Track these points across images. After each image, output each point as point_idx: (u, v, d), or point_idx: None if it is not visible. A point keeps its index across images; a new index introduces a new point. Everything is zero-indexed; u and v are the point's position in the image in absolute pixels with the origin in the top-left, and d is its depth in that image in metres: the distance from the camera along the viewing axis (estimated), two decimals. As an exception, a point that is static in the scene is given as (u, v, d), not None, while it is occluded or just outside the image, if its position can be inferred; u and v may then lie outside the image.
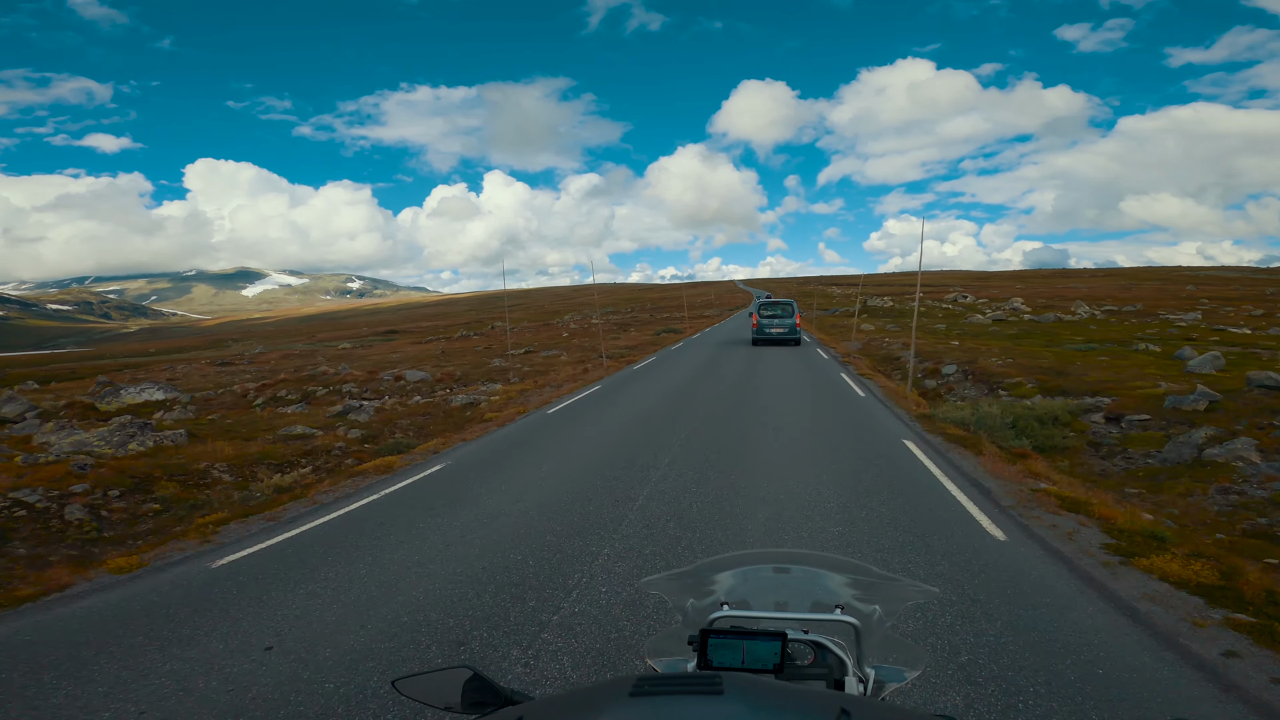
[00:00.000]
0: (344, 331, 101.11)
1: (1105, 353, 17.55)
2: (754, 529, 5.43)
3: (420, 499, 6.71)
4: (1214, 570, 4.37)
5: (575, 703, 0.87)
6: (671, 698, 0.79)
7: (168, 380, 22.68)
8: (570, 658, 3.52)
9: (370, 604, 4.24)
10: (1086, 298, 57.30)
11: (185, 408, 15.58)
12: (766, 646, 1.11)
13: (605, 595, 4.26)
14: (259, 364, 35.13)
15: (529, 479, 7.26)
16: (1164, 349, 18.83)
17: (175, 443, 10.22)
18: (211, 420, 13.43)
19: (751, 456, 7.93)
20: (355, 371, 19.92)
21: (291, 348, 58.35)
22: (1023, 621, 3.78)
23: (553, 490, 6.78)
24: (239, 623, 4.04)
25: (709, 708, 0.77)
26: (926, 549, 4.92)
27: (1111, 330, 28.22)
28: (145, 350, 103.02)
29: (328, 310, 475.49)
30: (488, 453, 8.82)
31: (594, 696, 0.85)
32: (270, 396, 18.16)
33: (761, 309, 24.96)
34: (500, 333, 53.39)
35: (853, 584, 1.52)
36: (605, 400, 12.52)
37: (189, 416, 14.14)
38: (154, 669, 3.51)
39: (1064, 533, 5.29)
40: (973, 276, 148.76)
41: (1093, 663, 3.35)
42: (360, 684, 3.29)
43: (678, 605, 1.53)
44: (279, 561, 5.11)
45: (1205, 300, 48.23)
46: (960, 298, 60.14)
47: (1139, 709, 2.97)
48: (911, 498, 6.26)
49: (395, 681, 1.13)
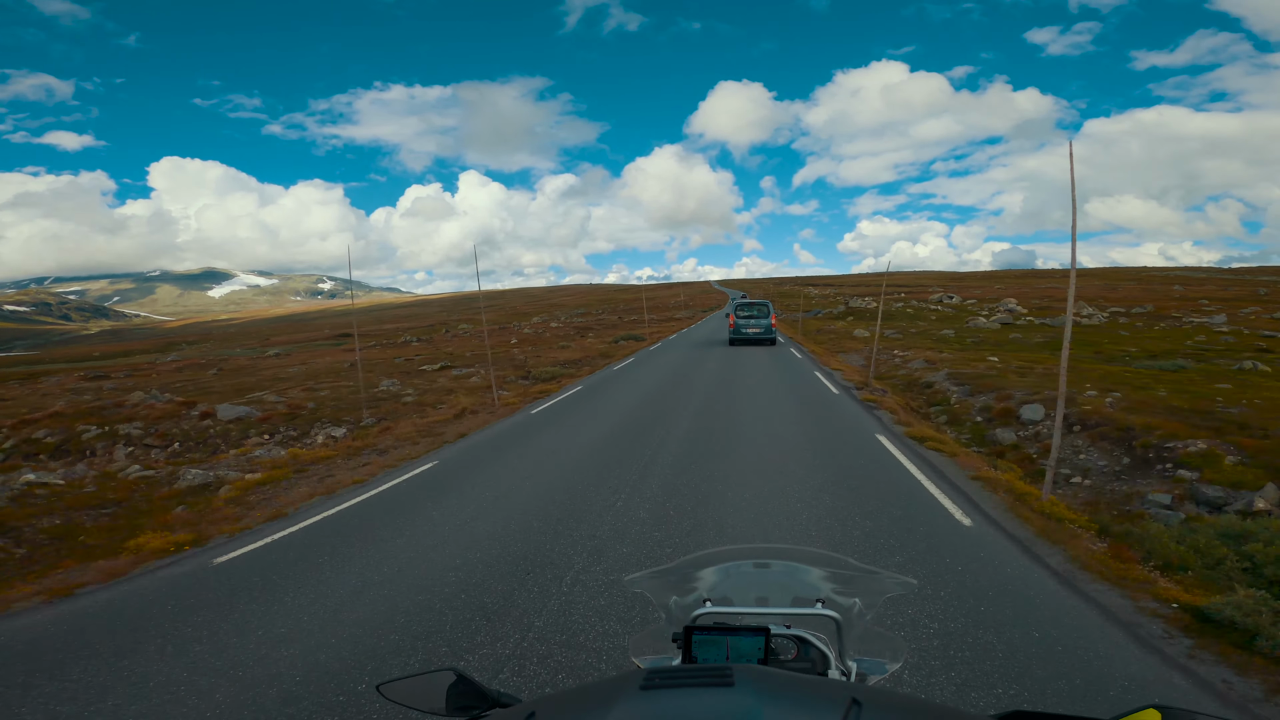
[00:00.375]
0: (301, 335, 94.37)
1: (1225, 377, 12.05)
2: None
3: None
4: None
5: (587, 698, 0.84)
6: (683, 690, 0.78)
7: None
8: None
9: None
10: (1081, 298, 53.40)
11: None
12: (750, 642, 1.10)
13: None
14: (143, 377, 29.15)
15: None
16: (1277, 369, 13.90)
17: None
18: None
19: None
20: (161, 405, 14.20)
21: (233, 353, 51.90)
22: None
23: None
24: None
25: (720, 699, 0.75)
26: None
27: (1153, 339, 23.44)
28: (90, 354, 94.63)
29: (297, 312, 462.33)
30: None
31: (605, 691, 0.82)
32: (23, 439, 12.49)
33: (738, 310, 25.32)
34: (453, 338, 47.65)
35: (832, 578, 1.52)
36: (408, 508, 6.31)
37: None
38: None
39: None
40: (949, 277, 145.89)
41: None
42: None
43: (661, 603, 1.52)
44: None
45: (1205, 301, 44.62)
46: (947, 298, 55.53)
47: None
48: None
49: (380, 686, 1.10)
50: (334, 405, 13.99)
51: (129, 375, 30.85)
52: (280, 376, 23.38)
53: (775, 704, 0.73)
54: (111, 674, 3.54)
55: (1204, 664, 3.45)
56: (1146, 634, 3.74)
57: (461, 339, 43.62)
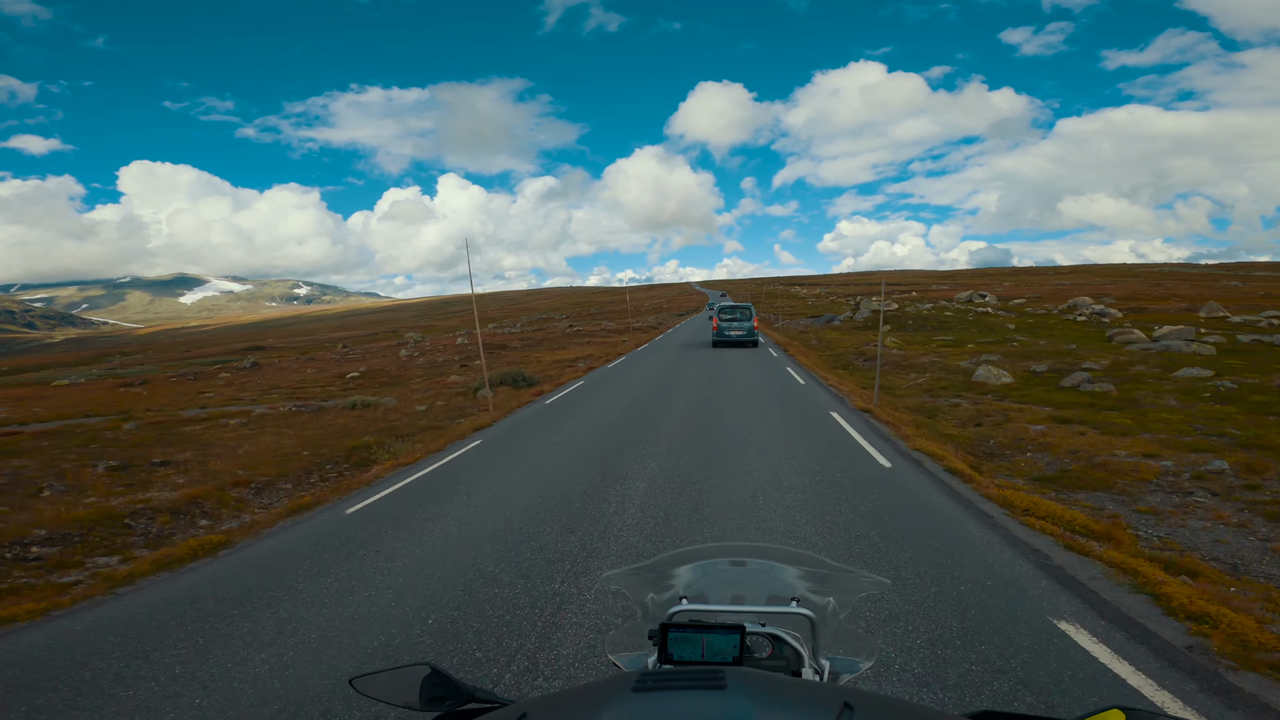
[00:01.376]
0: (254, 340, 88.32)
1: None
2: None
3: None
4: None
5: (578, 699, 0.84)
6: (675, 692, 0.78)
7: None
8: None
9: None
10: (1094, 295, 49.08)
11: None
12: (725, 640, 1.09)
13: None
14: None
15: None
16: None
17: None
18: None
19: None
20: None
21: (147, 368, 45.64)
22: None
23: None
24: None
25: (712, 702, 0.76)
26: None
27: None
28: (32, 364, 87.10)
29: (270, 318, 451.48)
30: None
31: (597, 693, 0.83)
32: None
33: (721, 313, 25.94)
34: (388, 348, 41.82)
35: (807, 576, 1.52)
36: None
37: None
38: None
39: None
40: (936, 276, 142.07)
41: None
42: None
43: (637, 600, 1.52)
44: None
45: (1213, 301, 40.44)
46: (978, 295, 49.78)
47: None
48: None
49: (353, 680, 1.10)
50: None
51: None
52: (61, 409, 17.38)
53: (767, 707, 0.74)
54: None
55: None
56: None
57: (348, 358, 37.58)
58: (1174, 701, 2.99)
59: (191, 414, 16.06)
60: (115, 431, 13.49)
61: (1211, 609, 3.74)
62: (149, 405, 19.33)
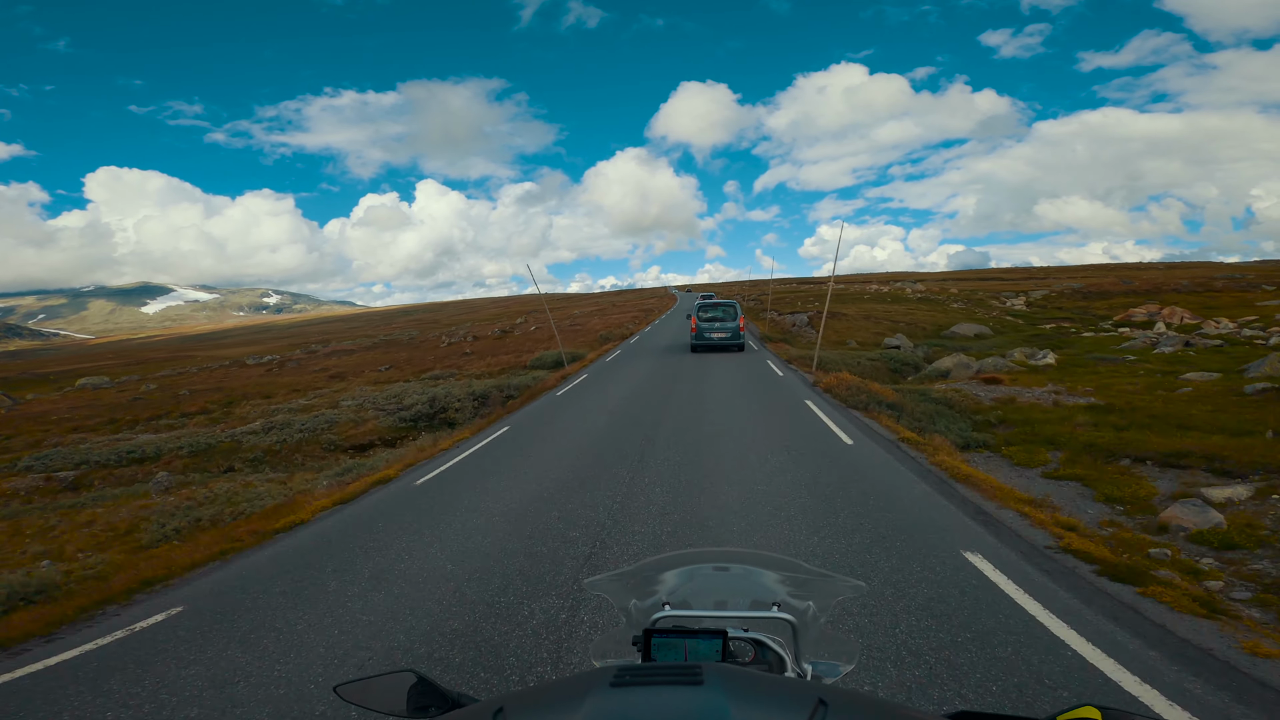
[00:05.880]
0: (205, 353, 79.25)
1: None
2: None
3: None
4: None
5: (557, 694, 0.84)
6: (652, 688, 0.79)
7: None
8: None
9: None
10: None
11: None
12: (708, 645, 1.10)
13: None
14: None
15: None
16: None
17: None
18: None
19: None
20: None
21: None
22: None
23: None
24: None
25: (689, 696, 0.76)
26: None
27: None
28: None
29: (235, 327, 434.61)
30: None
31: (575, 687, 0.83)
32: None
33: (701, 311, 22.52)
34: (266, 366, 33.62)
35: (788, 581, 1.53)
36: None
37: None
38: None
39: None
40: (923, 278, 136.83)
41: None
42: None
43: (621, 606, 1.53)
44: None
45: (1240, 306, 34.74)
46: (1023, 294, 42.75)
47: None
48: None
49: (337, 687, 1.08)
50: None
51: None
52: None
53: (742, 702, 0.74)
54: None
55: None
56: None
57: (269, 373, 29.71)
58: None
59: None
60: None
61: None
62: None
